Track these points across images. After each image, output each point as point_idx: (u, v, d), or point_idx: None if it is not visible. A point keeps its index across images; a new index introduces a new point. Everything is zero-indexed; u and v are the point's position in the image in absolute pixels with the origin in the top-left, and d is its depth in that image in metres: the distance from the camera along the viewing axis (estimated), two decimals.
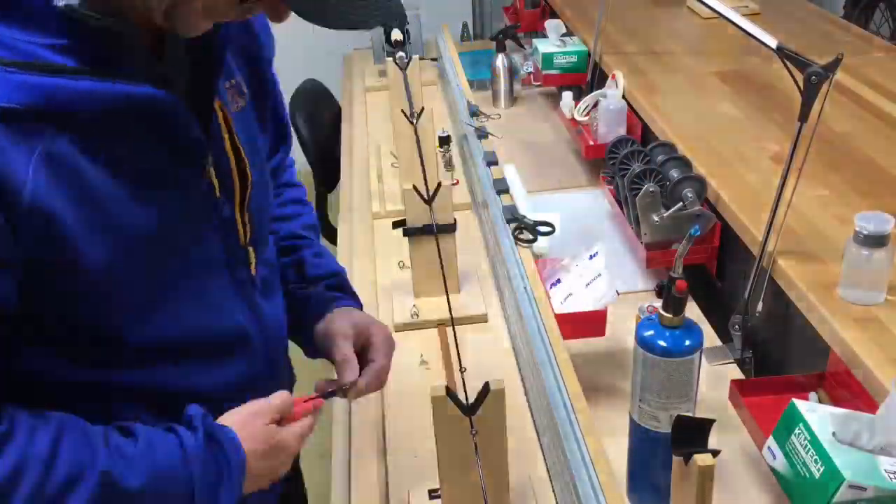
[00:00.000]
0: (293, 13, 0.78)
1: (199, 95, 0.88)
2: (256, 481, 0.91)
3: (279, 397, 0.94)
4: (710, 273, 1.62)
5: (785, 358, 1.41)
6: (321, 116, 2.73)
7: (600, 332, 1.37)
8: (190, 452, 0.84)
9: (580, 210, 1.90)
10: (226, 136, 0.93)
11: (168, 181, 0.85)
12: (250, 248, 0.98)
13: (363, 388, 1.07)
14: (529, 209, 1.68)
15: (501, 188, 1.62)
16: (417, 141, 1.63)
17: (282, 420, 0.94)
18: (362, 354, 1.09)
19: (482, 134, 1.88)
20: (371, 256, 1.76)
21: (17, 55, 0.72)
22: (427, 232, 1.47)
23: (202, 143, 0.87)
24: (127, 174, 0.80)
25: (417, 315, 1.51)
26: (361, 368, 1.07)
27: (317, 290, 1.16)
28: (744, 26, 1.40)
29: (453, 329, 1.31)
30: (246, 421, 0.90)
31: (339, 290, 1.18)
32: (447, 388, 0.97)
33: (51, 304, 0.80)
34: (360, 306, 1.18)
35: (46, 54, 0.74)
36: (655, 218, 1.56)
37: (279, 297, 1.09)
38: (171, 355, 0.90)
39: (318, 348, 1.13)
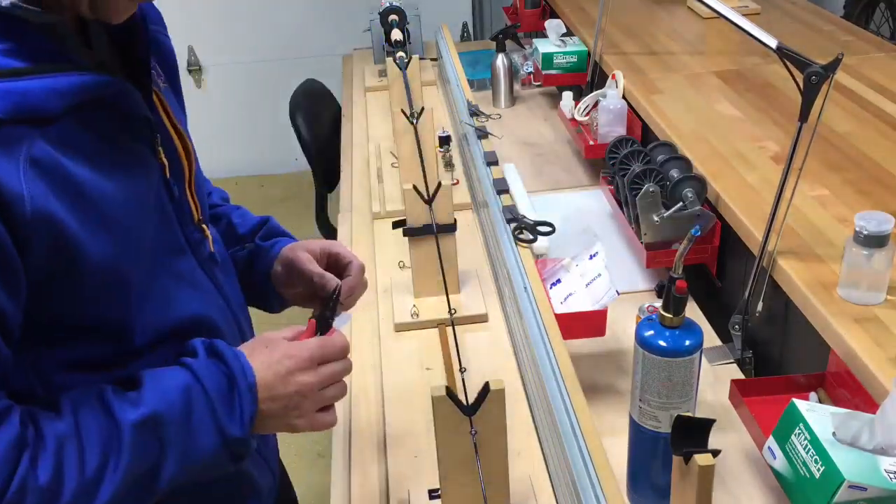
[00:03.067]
0: None
1: (133, 78, 0.88)
2: (272, 410, 0.88)
3: (288, 329, 0.94)
4: (710, 273, 1.62)
5: (785, 358, 1.41)
6: (321, 116, 2.73)
7: (600, 332, 1.37)
8: (195, 367, 0.85)
9: (580, 210, 1.90)
10: (163, 115, 0.92)
11: (136, 167, 0.85)
12: (204, 227, 0.98)
13: (353, 286, 1.07)
14: (529, 209, 1.68)
15: (501, 188, 1.62)
16: (417, 141, 1.63)
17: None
18: (333, 270, 1.09)
19: (482, 134, 1.88)
20: (371, 256, 1.76)
21: None
22: (427, 232, 1.47)
23: (152, 122, 0.87)
24: (103, 166, 0.80)
25: (417, 315, 1.51)
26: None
27: (255, 244, 1.15)
28: (744, 26, 1.40)
29: (453, 329, 1.32)
30: (248, 345, 0.92)
31: (274, 236, 1.16)
32: (447, 388, 0.97)
33: (57, 311, 0.80)
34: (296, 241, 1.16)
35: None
36: (655, 218, 1.56)
37: (234, 275, 1.07)
38: (169, 344, 0.90)
39: (283, 294, 1.12)
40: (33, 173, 0.72)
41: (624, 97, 2.03)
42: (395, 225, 1.52)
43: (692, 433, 0.86)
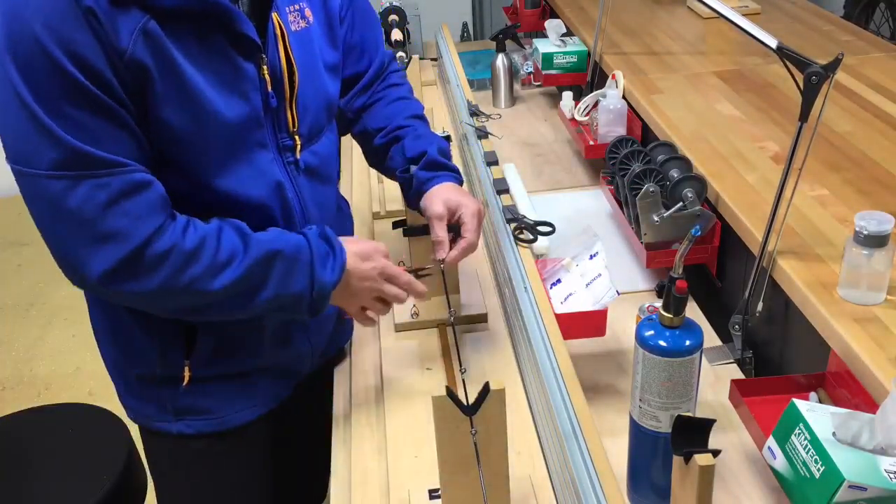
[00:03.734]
0: None
1: (258, 11, 1.13)
2: (351, 286, 1.21)
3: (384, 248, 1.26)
4: (710, 273, 1.62)
5: (785, 358, 1.41)
6: None
7: (600, 332, 1.37)
8: (309, 234, 1.17)
9: (580, 210, 1.90)
10: (280, 45, 1.15)
11: (233, 75, 1.09)
12: (297, 137, 1.21)
13: (453, 260, 1.32)
14: (529, 209, 1.68)
15: (501, 188, 1.62)
16: None
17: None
18: (455, 228, 1.33)
19: (482, 134, 1.88)
20: None
21: None
22: (427, 232, 1.46)
23: (256, 43, 1.10)
24: (198, 58, 1.04)
25: (417, 315, 1.51)
26: (455, 241, 1.32)
27: (416, 172, 1.37)
28: (744, 26, 1.40)
29: (453, 329, 1.32)
30: (354, 239, 1.25)
31: (433, 168, 1.36)
32: (447, 389, 0.97)
33: (159, 143, 1.05)
34: (455, 178, 1.38)
35: None
36: (655, 218, 1.56)
37: (327, 187, 1.32)
38: (245, 210, 1.16)
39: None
40: (143, 39, 0.98)
41: (624, 97, 2.03)
42: (395, 225, 1.52)
43: (692, 433, 0.86)
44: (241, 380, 1.29)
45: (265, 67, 1.13)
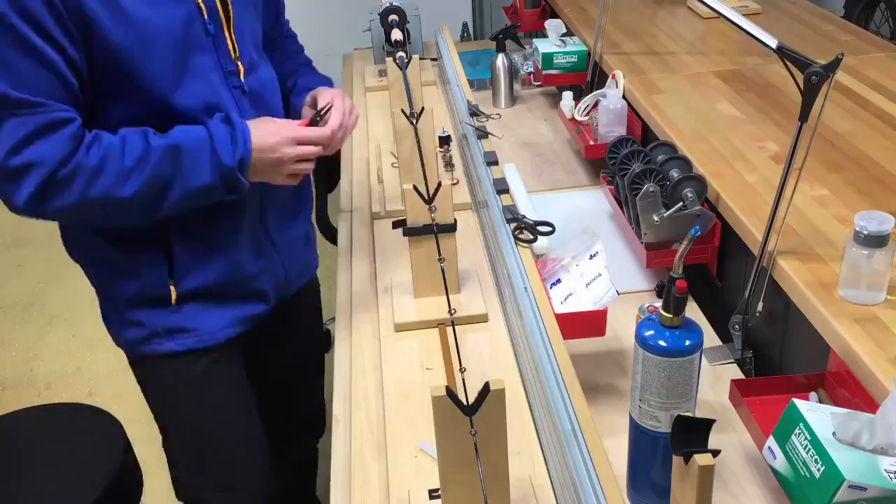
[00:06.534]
0: None
1: None
2: (263, 171, 1.33)
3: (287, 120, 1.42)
4: (710, 273, 1.62)
5: (785, 358, 1.41)
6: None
7: (600, 332, 1.37)
8: (210, 122, 1.28)
9: (580, 210, 1.90)
10: None
11: (170, 2, 1.22)
12: (239, 63, 1.34)
13: (337, 122, 1.42)
14: (529, 209, 1.68)
15: (501, 188, 1.62)
16: (417, 141, 1.63)
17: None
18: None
19: (482, 134, 1.88)
20: (371, 256, 1.76)
21: None
22: (427, 232, 1.47)
23: None
24: None
25: (417, 315, 1.51)
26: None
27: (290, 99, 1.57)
28: (744, 26, 1.40)
29: (453, 329, 1.32)
30: (255, 120, 1.34)
31: (303, 90, 1.55)
32: (447, 389, 0.97)
33: (110, 70, 1.19)
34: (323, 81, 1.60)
35: None
36: (655, 218, 1.56)
37: (269, 109, 1.43)
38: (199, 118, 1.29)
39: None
40: None
41: (624, 97, 2.03)
42: (395, 225, 1.52)
43: (692, 433, 0.86)
44: (221, 298, 1.43)
45: None
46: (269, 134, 1.31)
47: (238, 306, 1.47)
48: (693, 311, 1.53)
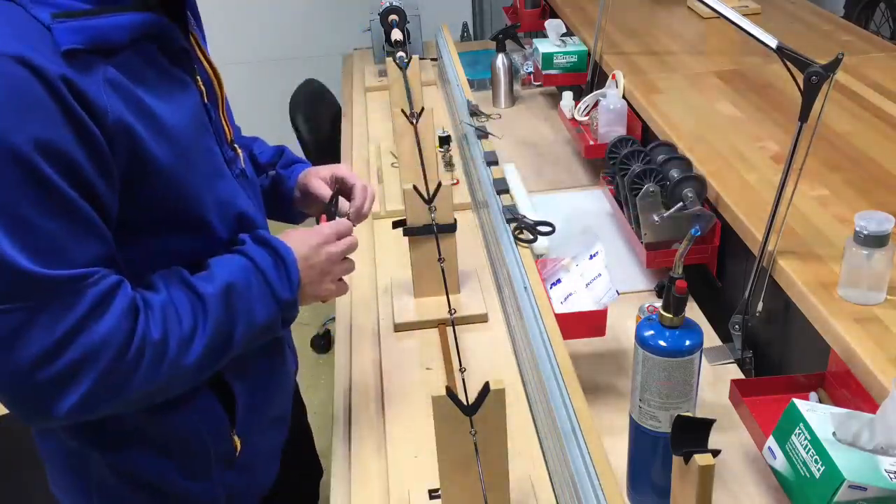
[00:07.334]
0: None
1: (171, 16, 1.03)
2: (311, 277, 1.12)
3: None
4: (711, 273, 1.62)
5: (785, 358, 1.41)
6: (321, 116, 2.72)
7: (600, 332, 1.37)
8: (247, 251, 1.06)
9: (580, 210, 1.90)
10: (197, 49, 1.09)
11: (183, 92, 1.02)
12: (235, 147, 1.16)
13: (359, 207, 1.29)
14: (529, 209, 1.68)
15: (501, 188, 1.62)
16: (417, 141, 1.63)
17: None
18: (342, 193, 1.32)
19: (482, 134, 1.88)
20: (371, 256, 1.76)
21: (59, 8, 0.89)
22: (427, 232, 1.47)
23: (189, 52, 1.04)
24: (160, 91, 0.97)
25: (417, 315, 1.51)
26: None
27: (276, 173, 1.36)
28: (744, 26, 1.40)
29: (453, 329, 1.32)
30: (289, 234, 1.14)
31: (291, 163, 1.38)
32: (447, 388, 0.97)
33: (143, 206, 0.97)
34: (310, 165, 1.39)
35: (74, 3, 0.90)
36: (655, 218, 1.56)
37: (257, 192, 1.25)
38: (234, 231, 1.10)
39: (303, 211, 1.36)
40: (110, 92, 0.90)
41: (624, 97, 2.03)
42: (395, 225, 1.52)
43: (692, 433, 0.86)
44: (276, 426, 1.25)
45: (198, 78, 1.06)
46: (308, 238, 1.13)
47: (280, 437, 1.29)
48: (693, 311, 1.53)
